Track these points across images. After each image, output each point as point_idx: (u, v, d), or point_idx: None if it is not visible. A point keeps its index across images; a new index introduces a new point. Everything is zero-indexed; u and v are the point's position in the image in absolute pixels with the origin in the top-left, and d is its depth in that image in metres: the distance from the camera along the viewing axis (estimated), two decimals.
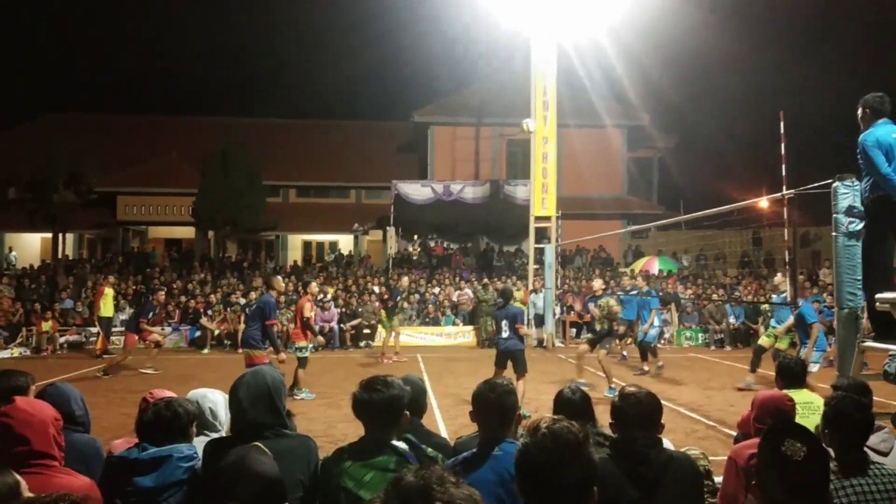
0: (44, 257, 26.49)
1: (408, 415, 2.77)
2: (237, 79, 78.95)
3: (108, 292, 16.07)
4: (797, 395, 4.26)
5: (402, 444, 2.66)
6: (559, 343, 18.15)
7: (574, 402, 3.44)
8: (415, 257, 25.58)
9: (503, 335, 9.02)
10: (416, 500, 1.31)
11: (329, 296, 17.87)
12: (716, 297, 19.29)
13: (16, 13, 69.64)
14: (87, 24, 70.45)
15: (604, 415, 3.02)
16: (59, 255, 25.03)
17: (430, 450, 2.79)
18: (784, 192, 7.10)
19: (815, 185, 5.97)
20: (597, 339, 10.89)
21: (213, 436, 3.21)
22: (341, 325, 17.70)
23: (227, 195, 23.84)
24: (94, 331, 16.33)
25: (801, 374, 4.56)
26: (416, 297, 20.03)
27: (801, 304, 9.50)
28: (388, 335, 15.29)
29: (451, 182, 24.56)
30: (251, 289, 19.27)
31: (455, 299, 19.95)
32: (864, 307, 5.36)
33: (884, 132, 5.00)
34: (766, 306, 17.96)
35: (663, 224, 21.93)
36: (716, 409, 9.25)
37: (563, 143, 21.87)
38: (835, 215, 5.43)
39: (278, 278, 9.71)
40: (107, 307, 15.84)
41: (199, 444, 2.87)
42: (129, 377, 12.48)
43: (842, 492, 2.55)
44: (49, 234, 25.90)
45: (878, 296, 5.11)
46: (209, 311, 18.01)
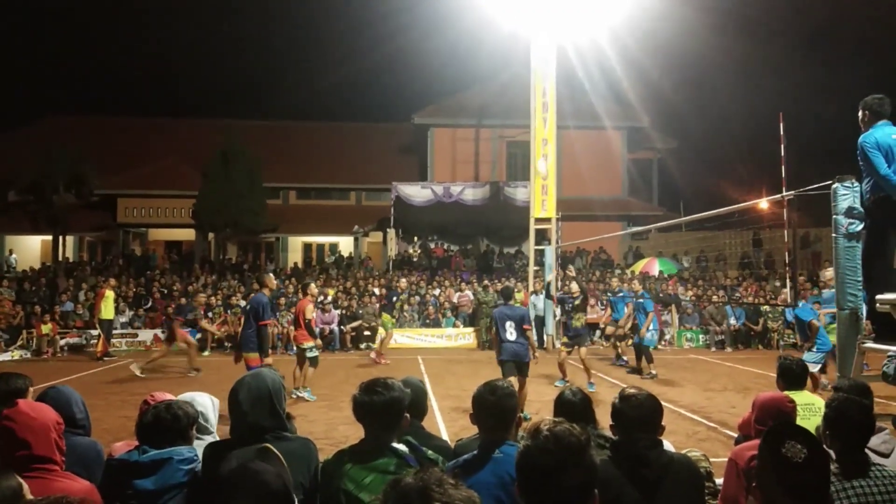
0: (44, 260, 26.49)
1: (408, 417, 2.77)
2: (237, 81, 79.05)
3: (109, 295, 16.09)
4: (798, 396, 4.26)
5: (403, 447, 2.66)
6: (560, 344, 18.09)
7: (575, 405, 3.43)
8: (415, 259, 25.57)
9: (509, 338, 8.32)
10: (415, 501, 1.31)
11: (329, 298, 17.87)
12: (716, 298, 19.28)
13: (17, 15, 69.73)
14: (87, 27, 70.55)
15: (605, 417, 3.01)
16: (60, 258, 25.03)
17: (430, 452, 2.79)
18: (784, 193, 7.09)
19: (815, 186, 5.96)
20: (571, 343, 11.34)
21: (207, 438, 3.22)
22: (342, 326, 17.70)
23: (228, 197, 23.84)
24: (95, 333, 16.34)
25: (802, 375, 4.55)
26: (417, 298, 20.03)
27: (799, 304, 9.47)
28: (389, 337, 15.52)
29: (452, 184, 24.57)
30: (251, 291, 19.25)
31: (455, 301, 19.94)
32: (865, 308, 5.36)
33: (883, 134, 5.01)
34: (766, 307, 18.02)
35: (664, 226, 21.96)
36: (716, 411, 9.25)
37: (562, 145, 21.87)
38: (835, 216, 5.42)
39: (270, 276, 9.64)
40: (107, 310, 15.87)
41: (196, 448, 2.87)
42: (129, 380, 12.46)
43: (843, 494, 2.54)
44: (49, 237, 25.90)
45: (879, 297, 5.11)
46: (210, 314, 18.00)
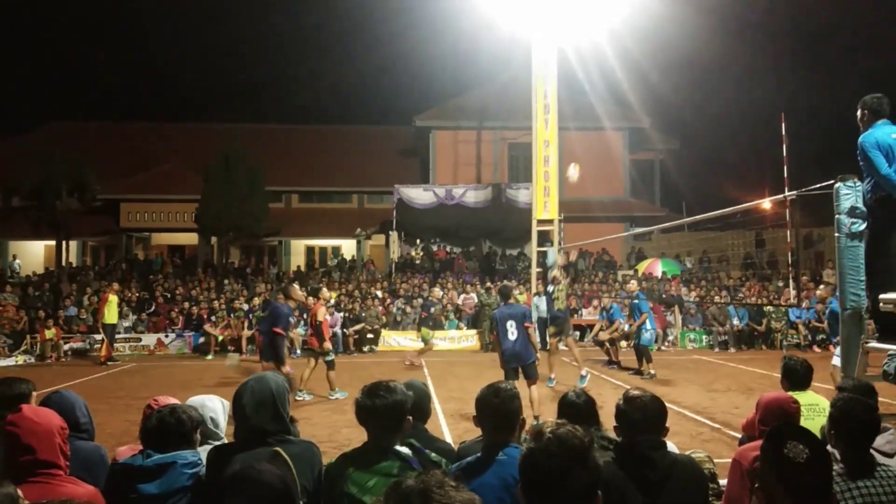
0: (47, 265, 26.53)
1: (410, 420, 2.77)
2: (239, 85, 79.14)
3: (113, 299, 16.13)
4: (802, 397, 4.25)
5: (406, 450, 2.66)
6: (562, 346, 18.08)
7: (578, 406, 3.43)
8: (417, 262, 25.57)
9: (510, 338, 8.08)
10: (416, 503, 1.31)
11: (332, 300, 17.88)
12: (719, 299, 19.25)
13: (19, 21, 69.95)
14: (89, 33, 70.74)
15: (608, 418, 3.01)
16: (63, 263, 25.04)
17: (433, 455, 2.79)
18: (786, 193, 7.08)
19: (818, 186, 5.95)
20: (559, 331, 11.61)
21: (215, 443, 3.21)
22: (344, 329, 17.70)
23: (230, 201, 23.87)
24: (99, 338, 16.37)
25: (806, 376, 4.54)
26: (420, 301, 20.03)
27: (831, 302, 9.53)
28: (429, 348, 15.34)
29: (453, 186, 24.58)
30: (254, 294, 19.29)
31: (460, 303, 19.93)
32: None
33: (883, 133, 5.01)
34: (769, 308, 17.99)
35: (666, 227, 21.93)
36: (720, 412, 9.23)
37: (564, 146, 21.85)
38: (837, 216, 5.41)
39: (295, 287, 9.52)
40: (111, 314, 15.90)
41: (201, 452, 2.87)
42: (133, 384, 12.47)
43: (848, 494, 2.54)
44: (53, 242, 25.89)
45: (882, 296, 5.09)
46: (213, 318, 18.02)
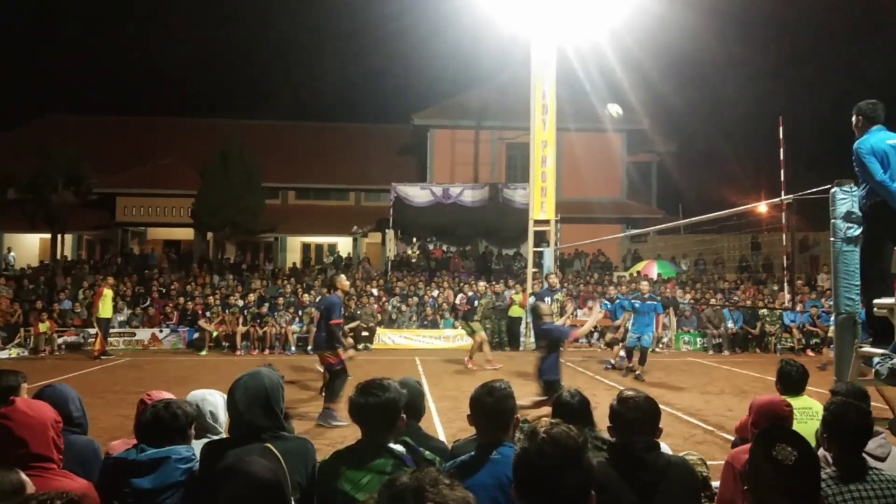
0: (42, 258, 26.46)
1: (404, 418, 2.77)
2: (237, 81, 79.00)
3: (107, 293, 16.08)
4: (796, 400, 4.26)
5: (400, 447, 2.66)
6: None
7: (573, 406, 3.43)
8: (413, 260, 25.56)
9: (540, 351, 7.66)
10: (409, 501, 1.31)
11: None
12: (714, 301, 19.29)
13: (16, 14, 69.68)
14: (86, 26, 70.50)
15: (602, 419, 3.01)
16: (58, 256, 25.01)
17: (427, 453, 2.80)
18: (783, 197, 7.10)
19: (814, 190, 5.97)
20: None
21: (214, 437, 3.22)
22: None
23: (227, 197, 23.84)
24: (93, 332, 16.32)
25: (801, 380, 4.56)
26: (415, 299, 20.03)
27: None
28: (476, 344, 14.47)
29: (451, 185, 24.57)
30: (249, 291, 19.27)
31: (457, 302, 19.92)
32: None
33: (878, 139, 5.04)
34: (764, 311, 18.03)
35: (662, 228, 21.96)
36: (713, 414, 9.25)
37: (562, 147, 21.86)
38: (833, 220, 5.43)
39: (342, 277, 9.45)
40: (105, 308, 15.85)
41: (199, 446, 2.87)
42: (126, 378, 12.45)
43: (840, 497, 2.55)
44: (48, 235, 25.86)
45: (876, 301, 5.12)
46: (207, 313, 17.99)
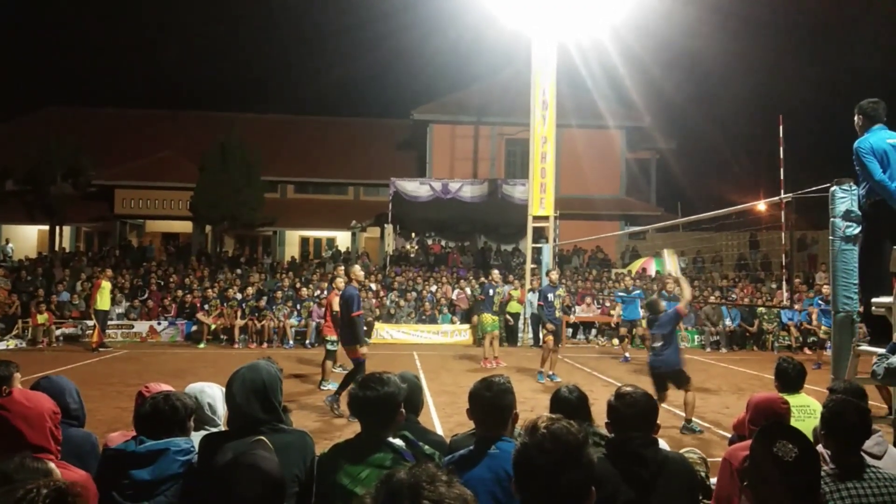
0: (41, 250, 26.43)
1: (403, 412, 2.77)
2: (237, 74, 78.88)
3: (105, 285, 16.08)
4: (794, 398, 4.27)
5: (399, 442, 2.66)
6: (543, 333, 18.16)
7: (571, 402, 3.43)
8: (412, 255, 25.56)
9: (656, 345, 8.23)
10: (405, 497, 1.31)
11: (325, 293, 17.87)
12: (713, 299, 19.31)
13: (15, 5, 69.42)
14: (86, 18, 70.28)
15: (600, 415, 3.02)
16: (56, 248, 24.99)
17: (426, 447, 2.80)
18: (782, 195, 7.11)
19: (813, 188, 5.97)
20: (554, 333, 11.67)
21: (213, 430, 3.22)
22: None
23: (226, 190, 23.81)
24: (91, 324, 16.32)
25: (798, 378, 4.57)
26: (414, 294, 20.04)
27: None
28: (487, 341, 13.92)
29: (450, 180, 24.55)
30: (248, 284, 19.27)
31: (454, 298, 19.94)
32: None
33: (878, 138, 5.04)
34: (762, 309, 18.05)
35: (661, 226, 21.96)
36: (711, 411, 9.28)
37: (562, 143, 21.84)
38: (832, 219, 5.43)
39: (357, 267, 9.38)
40: (103, 300, 15.86)
41: (198, 438, 2.88)
42: (125, 370, 12.45)
43: (837, 495, 2.55)
44: (46, 227, 25.85)
45: (875, 300, 5.13)
46: (206, 306, 17.99)
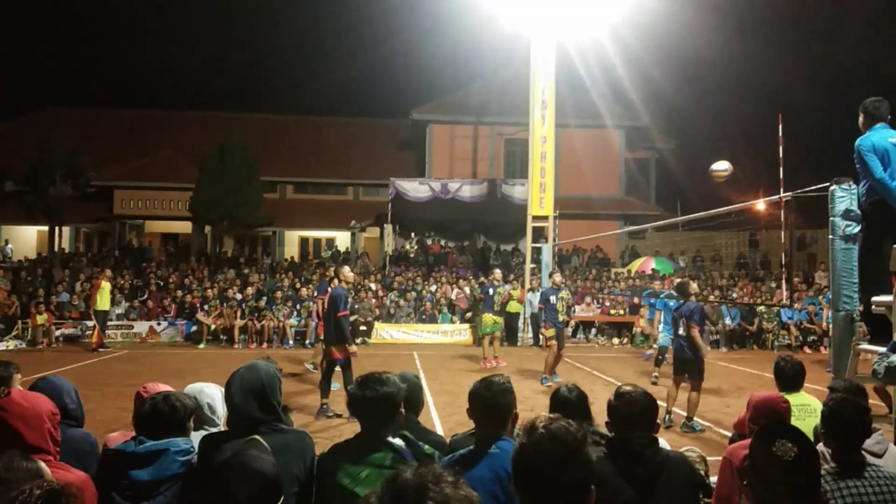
0: (40, 250, 26.42)
1: (402, 412, 2.77)
2: (237, 74, 78.84)
3: (105, 286, 16.08)
4: (794, 397, 4.27)
5: (399, 441, 2.66)
6: (546, 338, 18.17)
7: (570, 401, 3.43)
8: (412, 255, 25.56)
9: (680, 332, 8.29)
10: (410, 497, 1.30)
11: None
12: (712, 298, 19.31)
13: (15, 6, 69.39)
14: (85, 18, 70.27)
15: (600, 414, 3.02)
16: (56, 249, 24.98)
17: (426, 447, 2.80)
18: (781, 194, 7.10)
19: (813, 188, 5.96)
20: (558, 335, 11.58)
21: (212, 430, 3.21)
22: None
23: (225, 190, 23.78)
24: (91, 324, 16.31)
25: (796, 377, 4.57)
26: (413, 294, 20.04)
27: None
28: (486, 342, 13.83)
29: (449, 180, 24.55)
30: (248, 284, 19.26)
31: (453, 298, 19.93)
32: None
33: (880, 137, 5.03)
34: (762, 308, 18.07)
35: (660, 225, 21.98)
36: (711, 410, 9.27)
37: (561, 143, 21.83)
38: (832, 218, 5.42)
39: (346, 269, 9.37)
40: (103, 301, 15.86)
41: (198, 438, 2.87)
42: (124, 371, 12.44)
43: (837, 493, 2.55)
44: (45, 228, 25.82)
45: (874, 299, 5.12)
46: (205, 306, 17.99)
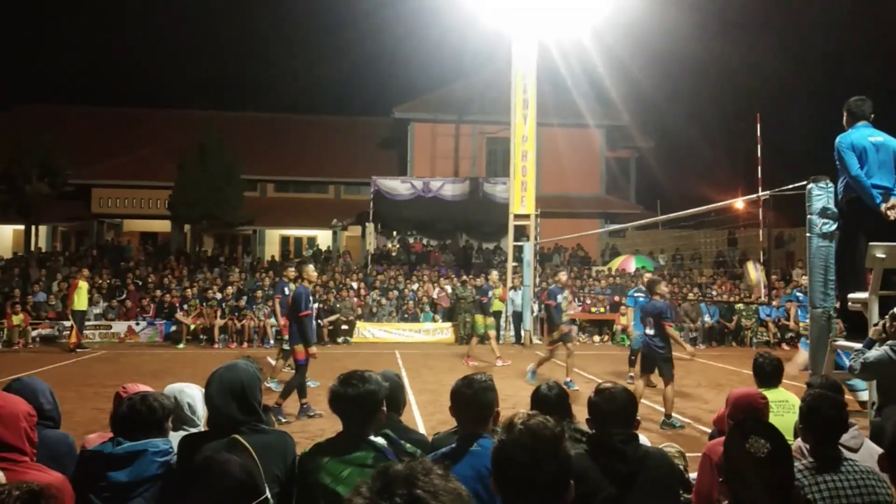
0: (16, 250, 26.04)
1: (384, 410, 2.77)
2: (216, 72, 78.20)
3: (83, 286, 15.89)
4: (772, 393, 4.32)
5: (381, 440, 2.65)
6: (537, 340, 18.26)
7: (550, 399, 3.45)
8: (394, 254, 25.54)
9: (648, 331, 8.25)
10: (400, 487, 1.31)
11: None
12: (691, 296, 19.48)
13: None
14: (63, 14, 69.39)
15: (581, 411, 3.03)
16: (32, 248, 24.65)
17: (408, 445, 2.79)
18: (760, 193, 7.19)
19: (790, 186, 6.04)
20: (564, 337, 11.11)
21: (192, 431, 3.19)
22: (319, 321, 17.60)
23: (205, 189, 23.60)
24: (68, 324, 16.12)
25: (774, 373, 4.62)
26: (395, 293, 20.01)
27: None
28: (475, 341, 13.95)
29: (431, 179, 24.57)
30: (227, 283, 19.13)
31: (435, 296, 19.94)
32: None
33: (859, 135, 5.11)
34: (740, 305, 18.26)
35: (641, 224, 22.14)
36: (690, 407, 9.36)
37: (542, 142, 21.92)
38: (809, 216, 5.49)
39: (310, 267, 9.22)
40: (80, 301, 15.67)
41: (177, 439, 2.85)
42: (101, 372, 12.31)
43: (815, 487, 2.59)
44: (22, 227, 25.48)
45: (851, 296, 5.20)
46: (185, 306, 17.84)
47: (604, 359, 14.85)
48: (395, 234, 27.41)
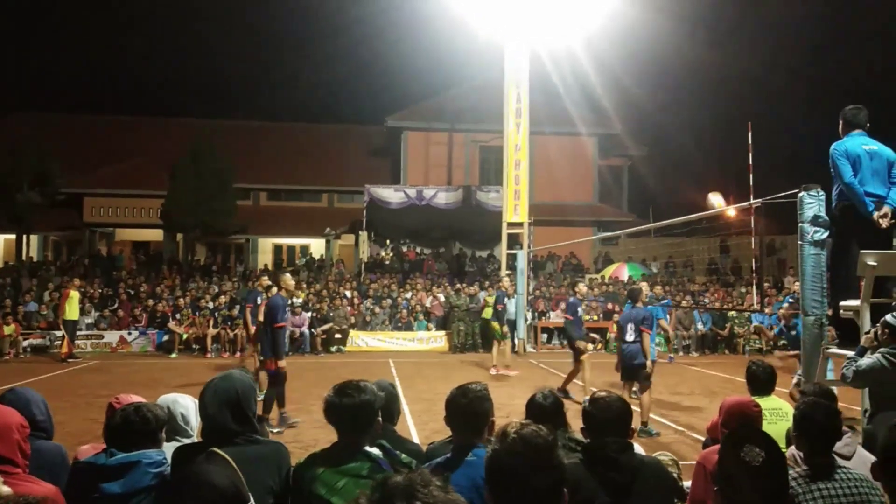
0: (7, 259, 25.89)
1: (380, 421, 2.76)
2: (209, 80, 78.13)
3: (74, 295, 15.80)
4: (766, 401, 4.33)
5: (376, 450, 2.65)
6: (531, 348, 18.26)
7: (545, 408, 3.45)
8: (387, 262, 25.51)
9: (628, 338, 8.36)
10: (399, 498, 1.32)
11: (300, 300, 17.70)
12: (684, 303, 19.53)
13: None
14: (55, 23, 69.29)
15: (576, 420, 3.04)
16: (24, 257, 24.51)
17: (403, 456, 2.79)
18: (752, 200, 7.22)
19: (782, 194, 6.06)
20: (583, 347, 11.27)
21: (186, 441, 3.18)
22: (312, 329, 17.57)
23: (197, 198, 23.53)
24: (59, 334, 16.02)
25: (768, 381, 4.63)
26: (389, 301, 19.98)
27: (796, 322, 9.59)
28: (498, 346, 13.59)
29: (424, 187, 24.58)
30: (220, 293, 19.06)
31: (428, 305, 19.92)
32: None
33: (854, 143, 5.16)
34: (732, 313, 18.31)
35: (633, 231, 22.20)
36: (684, 415, 9.37)
37: (535, 150, 21.98)
38: (801, 224, 5.51)
39: (287, 276, 8.97)
40: (72, 310, 15.58)
41: (171, 449, 2.84)
42: (94, 382, 12.23)
43: (809, 496, 2.59)
44: (13, 236, 25.35)
45: (843, 303, 5.22)
46: (177, 316, 17.75)
47: (597, 367, 14.83)
48: (388, 242, 27.39)
